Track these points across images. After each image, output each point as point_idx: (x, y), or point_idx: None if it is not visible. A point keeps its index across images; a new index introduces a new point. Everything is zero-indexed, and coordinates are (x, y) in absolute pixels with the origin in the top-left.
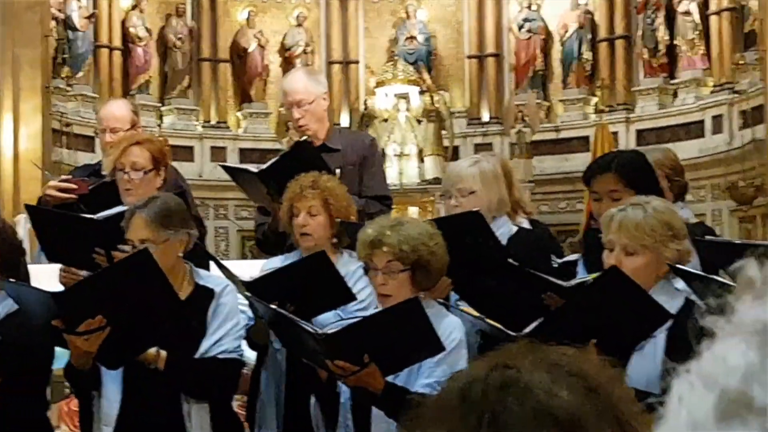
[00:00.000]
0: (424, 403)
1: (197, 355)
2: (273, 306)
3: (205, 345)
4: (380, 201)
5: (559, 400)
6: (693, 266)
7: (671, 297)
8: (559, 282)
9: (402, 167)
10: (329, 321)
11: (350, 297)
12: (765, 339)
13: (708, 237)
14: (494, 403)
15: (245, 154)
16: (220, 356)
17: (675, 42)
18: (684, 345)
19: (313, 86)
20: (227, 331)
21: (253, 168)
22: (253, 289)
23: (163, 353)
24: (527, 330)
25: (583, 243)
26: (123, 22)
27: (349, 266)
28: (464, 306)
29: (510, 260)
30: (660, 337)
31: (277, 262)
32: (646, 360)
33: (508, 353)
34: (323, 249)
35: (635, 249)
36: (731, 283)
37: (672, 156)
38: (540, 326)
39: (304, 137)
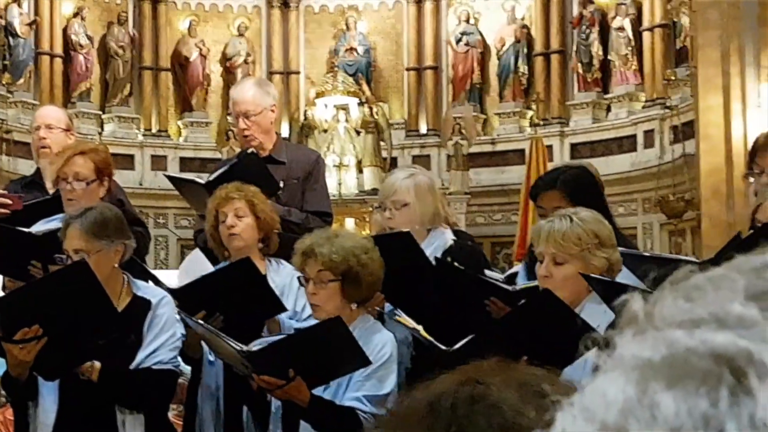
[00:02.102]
0: (391, 412)
1: (132, 366)
2: (200, 321)
3: (140, 356)
4: (321, 217)
5: (526, 420)
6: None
7: (601, 312)
8: (505, 286)
9: (341, 178)
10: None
11: (279, 306)
12: (643, 375)
13: (622, 249)
14: (462, 417)
15: (186, 163)
16: (155, 367)
17: (609, 57)
18: None
19: (262, 97)
20: (163, 342)
21: (199, 179)
22: (180, 296)
23: (97, 364)
24: (458, 345)
25: (528, 255)
26: (64, 30)
27: (280, 275)
28: (400, 315)
29: (455, 263)
30: (591, 354)
31: (197, 262)
32: (576, 377)
33: (480, 369)
34: (248, 256)
35: (564, 258)
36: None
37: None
38: (471, 341)
39: (251, 149)
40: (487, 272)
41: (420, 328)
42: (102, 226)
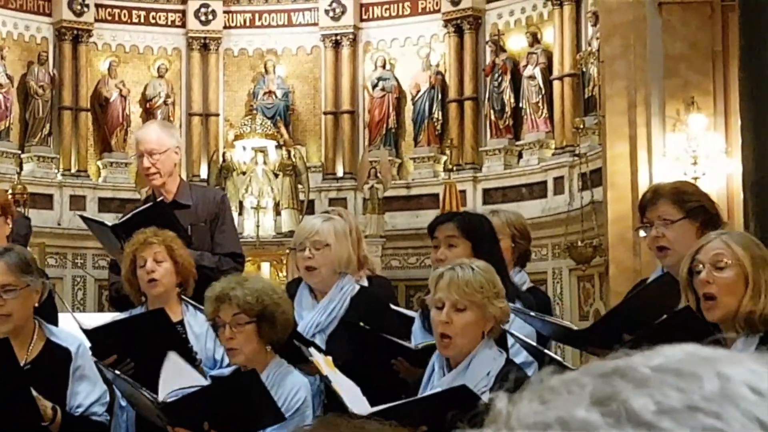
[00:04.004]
0: None
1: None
2: (116, 372)
3: (77, 406)
4: (233, 258)
5: None
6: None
7: (493, 358)
8: (408, 345)
9: (259, 220)
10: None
11: (188, 359)
12: None
13: (519, 308)
14: None
15: (104, 204)
16: (86, 415)
17: (520, 105)
18: None
19: (166, 138)
20: (98, 397)
21: (108, 221)
22: (93, 337)
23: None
24: (373, 410)
25: (422, 303)
26: None
27: (197, 320)
28: (316, 356)
29: (361, 324)
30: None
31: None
32: None
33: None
34: (163, 307)
35: (465, 305)
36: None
37: (523, 221)
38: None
39: (161, 198)
40: (400, 309)
41: (331, 375)
42: (26, 263)
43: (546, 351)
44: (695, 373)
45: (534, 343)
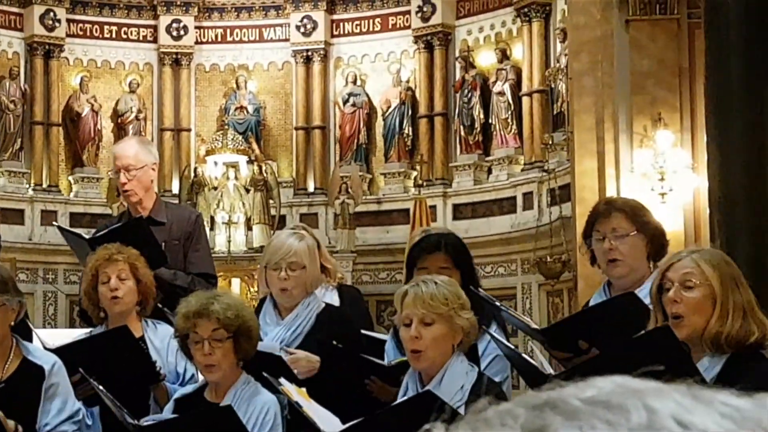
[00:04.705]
0: None
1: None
2: (100, 388)
3: (46, 426)
4: (206, 279)
5: None
6: None
7: (465, 372)
8: (380, 362)
9: (230, 235)
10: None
11: (154, 375)
12: None
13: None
14: None
15: (76, 219)
16: None
17: (490, 121)
18: None
19: (144, 154)
20: (69, 415)
21: (85, 235)
22: (58, 356)
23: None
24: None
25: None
26: None
27: (158, 336)
28: (286, 385)
29: (334, 342)
30: None
31: (84, 336)
32: None
33: None
34: (126, 324)
35: (432, 319)
36: (533, 362)
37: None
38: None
39: (140, 215)
40: (370, 333)
41: (302, 401)
42: (3, 281)
43: (524, 355)
44: (623, 406)
45: (511, 345)
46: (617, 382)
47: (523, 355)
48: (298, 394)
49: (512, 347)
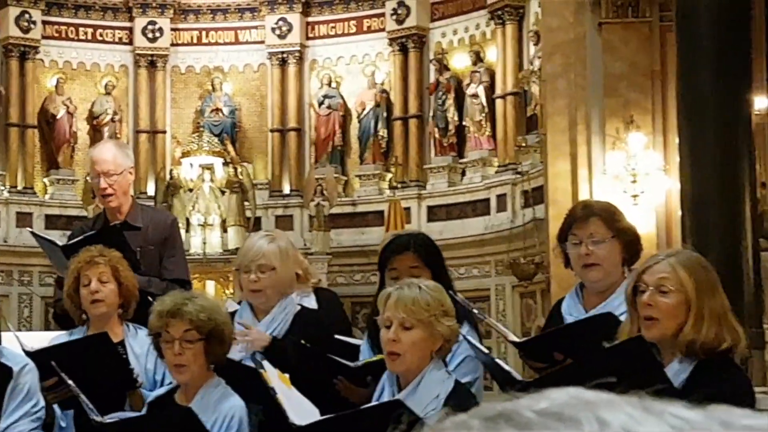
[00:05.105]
0: None
1: None
2: (70, 383)
3: (1, 425)
4: (181, 285)
5: None
6: None
7: (442, 380)
8: (348, 363)
9: (206, 237)
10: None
11: (131, 382)
12: None
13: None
14: None
15: (51, 221)
16: None
17: (464, 123)
18: None
19: (122, 158)
20: (25, 412)
21: (59, 241)
22: (35, 359)
23: None
24: (307, 423)
25: (368, 324)
26: None
27: (138, 341)
28: (268, 369)
29: (303, 342)
30: None
31: (63, 338)
32: None
33: None
34: (105, 331)
35: (412, 323)
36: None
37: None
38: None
39: (115, 223)
40: (345, 339)
41: (279, 387)
42: None
43: (497, 360)
44: (575, 418)
45: (485, 350)
46: (571, 393)
47: (496, 359)
48: (278, 380)
49: (485, 351)
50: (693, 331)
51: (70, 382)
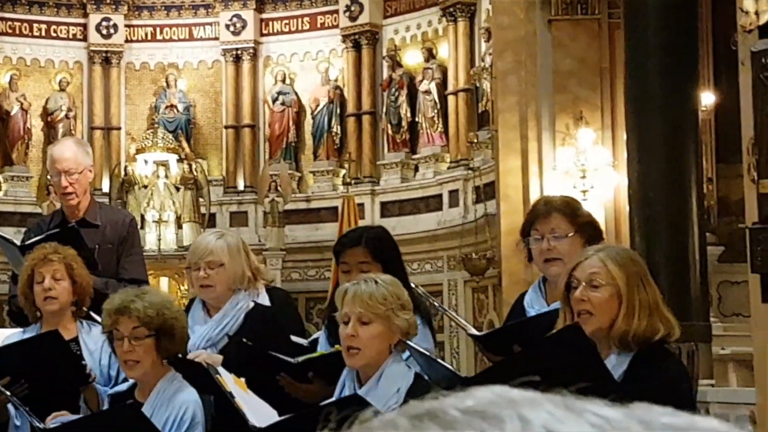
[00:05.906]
0: None
1: None
2: (6, 392)
3: None
4: (139, 285)
5: None
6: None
7: (402, 374)
8: (289, 360)
9: (160, 233)
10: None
11: (83, 378)
12: None
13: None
14: None
15: (5, 218)
16: None
17: (417, 119)
18: None
19: (83, 157)
20: None
21: (15, 240)
22: None
23: None
24: (268, 424)
25: (327, 320)
26: None
27: (92, 337)
28: (224, 374)
29: (244, 339)
30: None
31: (17, 336)
32: None
33: None
34: (56, 329)
35: (369, 318)
36: (450, 367)
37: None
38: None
39: (72, 224)
40: (293, 338)
41: (236, 391)
42: None
43: (440, 361)
44: (498, 416)
45: (431, 354)
46: (496, 392)
47: (438, 360)
48: (234, 384)
49: (427, 353)
50: (625, 323)
51: (8, 393)
